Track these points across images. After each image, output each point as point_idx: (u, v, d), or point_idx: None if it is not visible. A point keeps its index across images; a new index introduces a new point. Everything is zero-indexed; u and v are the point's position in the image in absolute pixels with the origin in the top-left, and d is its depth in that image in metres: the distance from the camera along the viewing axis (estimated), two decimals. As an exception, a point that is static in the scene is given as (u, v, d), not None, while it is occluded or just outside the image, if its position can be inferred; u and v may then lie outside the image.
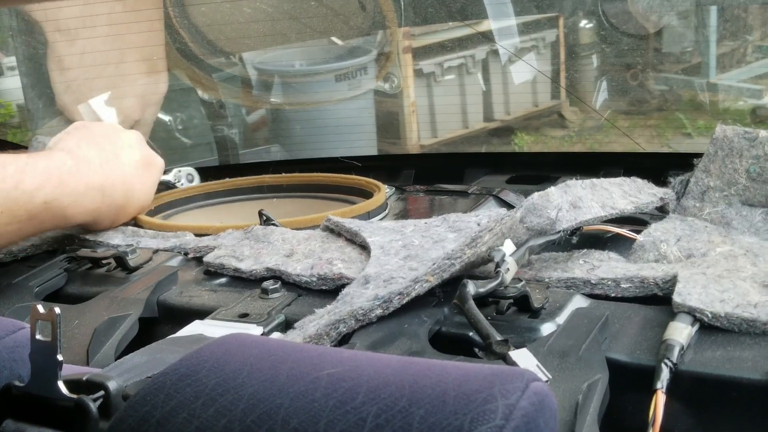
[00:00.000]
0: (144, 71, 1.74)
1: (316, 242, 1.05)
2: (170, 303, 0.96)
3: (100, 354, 0.84)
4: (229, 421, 0.49)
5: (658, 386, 0.67)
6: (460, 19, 1.92)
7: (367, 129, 2.04)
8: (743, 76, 2.62)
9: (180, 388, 0.52)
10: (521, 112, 2.63)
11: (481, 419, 0.45)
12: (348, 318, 0.79)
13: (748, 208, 0.99)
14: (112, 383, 0.58)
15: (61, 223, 1.11)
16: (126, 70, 1.73)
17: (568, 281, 0.86)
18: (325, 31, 1.87)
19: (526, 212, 0.87)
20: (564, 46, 2.20)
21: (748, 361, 0.69)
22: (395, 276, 0.87)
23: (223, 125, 1.98)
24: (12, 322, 0.67)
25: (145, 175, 1.23)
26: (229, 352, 0.55)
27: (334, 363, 0.53)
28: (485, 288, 0.78)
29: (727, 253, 0.88)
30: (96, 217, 1.15)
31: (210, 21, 1.76)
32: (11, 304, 0.97)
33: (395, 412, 0.47)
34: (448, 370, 0.51)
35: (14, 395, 0.59)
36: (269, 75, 2.00)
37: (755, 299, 0.75)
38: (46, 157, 1.08)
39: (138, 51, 1.71)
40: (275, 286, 0.92)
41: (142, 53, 1.72)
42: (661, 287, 0.82)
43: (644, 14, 1.92)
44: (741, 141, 1.02)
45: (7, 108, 2.45)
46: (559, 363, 0.70)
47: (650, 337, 0.74)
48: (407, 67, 2.21)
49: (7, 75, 2.51)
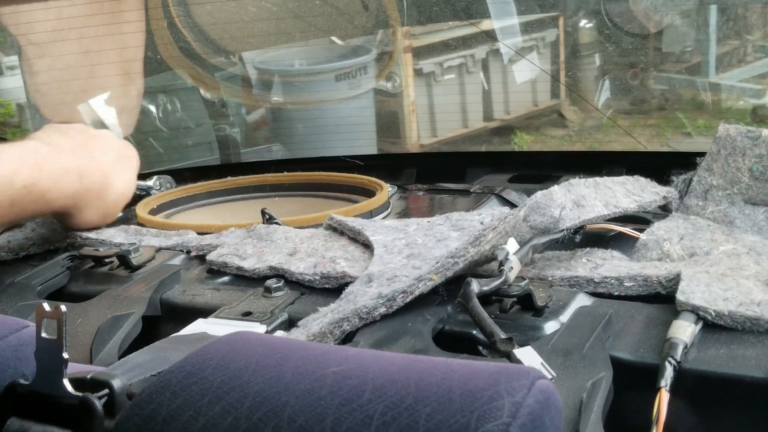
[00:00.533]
0: (118, 75, 1.73)
1: (319, 241, 1.05)
2: (173, 301, 0.96)
3: (103, 352, 0.84)
4: (235, 418, 0.49)
5: (662, 384, 0.67)
6: (463, 18, 1.92)
7: (367, 128, 2.04)
8: (743, 76, 2.62)
9: (186, 386, 0.52)
10: (521, 111, 2.63)
11: (487, 416, 0.45)
12: (351, 316, 0.80)
13: (751, 206, 0.99)
14: (117, 381, 0.58)
15: (43, 208, 1.11)
16: (98, 74, 1.72)
17: (571, 280, 0.86)
18: (328, 30, 1.87)
19: (529, 211, 0.87)
20: (564, 45, 2.20)
21: (752, 359, 0.69)
22: (399, 274, 0.87)
23: (225, 124, 1.99)
24: (16, 320, 0.66)
25: (121, 166, 1.23)
26: (234, 350, 0.55)
27: (340, 361, 0.53)
28: (489, 286, 0.78)
29: (730, 251, 0.88)
30: (77, 202, 1.15)
31: (214, 20, 1.76)
32: (14, 302, 0.97)
33: (402, 410, 0.47)
34: (454, 367, 0.51)
35: (19, 393, 0.59)
36: (270, 74, 2.00)
37: (758, 297, 0.76)
38: (18, 145, 1.09)
39: (112, 54, 1.70)
40: (278, 285, 0.92)
41: (117, 57, 1.71)
42: (665, 286, 0.82)
43: (645, 13, 1.92)
44: (744, 140, 1.02)
45: (7, 107, 2.45)
46: (563, 361, 0.70)
47: (654, 336, 0.74)
48: (407, 66, 2.21)
49: (6, 75, 2.50)
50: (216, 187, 1.45)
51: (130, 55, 1.72)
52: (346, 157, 1.52)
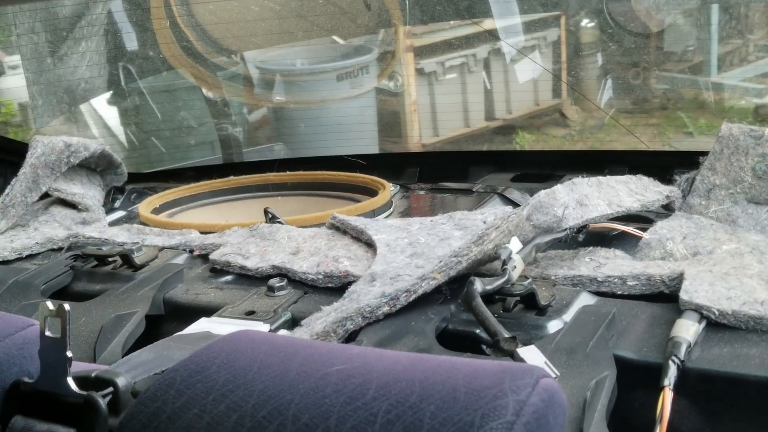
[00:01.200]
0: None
1: (322, 240, 1.05)
2: (176, 300, 0.96)
3: (107, 351, 0.84)
4: (240, 416, 0.49)
5: (666, 383, 0.67)
6: (465, 17, 1.92)
7: (369, 127, 2.04)
8: (745, 75, 2.62)
9: (190, 384, 0.52)
10: (523, 110, 2.63)
11: (492, 415, 0.45)
12: (355, 315, 0.80)
13: (754, 205, 0.99)
14: (121, 380, 0.58)
15: None
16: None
17: (574, 279, 0.86)
18: (331, 30, 1.87)
19: (532, 210, 0.87)
20: (566, 44, 2.20)
21: (755, 358, 0.69)
22: (402, 273, 0.87)
23: (227, 123, 1.99)
24: (20, 319, 0.66)
25: None
26: (238, 349, 0.55)
27: (344, 359, 0.53)
28: (492, 285, 0.78)
29: (734, 250, 0.88)
30: None
31: (216, 19, 1.76)
32: (18, 301, 0.97)
33: (406, 408, 0.47)
34: (458, 366, 0.51)
35: (23, 392, 0.59)
36: (272, 74, 2.00)
37: (762, 296, 0.76)
38: None
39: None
40: (281, 284, 0.92)
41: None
42: (668, 285, 0.82)
43: (648, 13, 1.92)
44: (747, 139, 1.02)
45: (9, 107, 2.45)
46: (567, 360, 0.70)
47: (657, 335, 0.74)
48: (409, 66, 2.21)
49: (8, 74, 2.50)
50: (218, 186, 1.45)
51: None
52: (349, 156, 1.52)
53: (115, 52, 1.90)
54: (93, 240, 1.17)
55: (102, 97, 1.94)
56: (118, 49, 1.90)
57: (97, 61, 1.85)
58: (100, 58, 1.87)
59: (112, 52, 1.90)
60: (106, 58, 1.89)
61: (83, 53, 1.81)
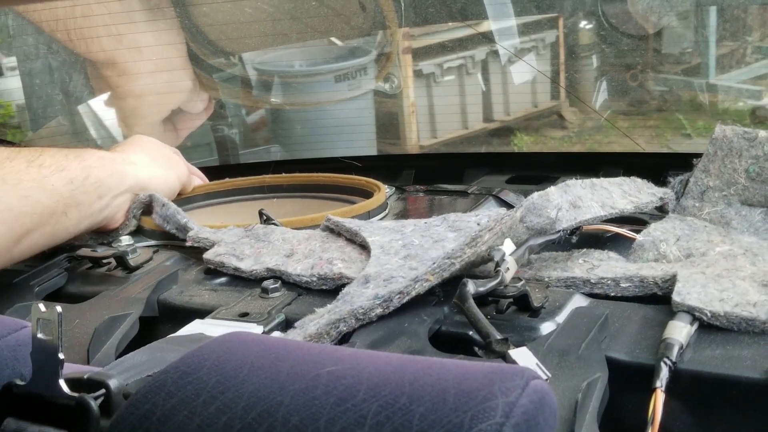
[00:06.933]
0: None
1: (317, 242, 1.05)
2: (170, 302, 0.96)
3: (100, 353, 0.85)
4: (229, 418, 0.49)
5: (658, 385, 0.67)
6: (460, 20, 1.92)
7: (366, 129, 2.04)
8: (743, 77, 2.62)
9: (181, 386, 0.52)
10: (521, 112, 2.63)
11: (481, 416, 0.46)
12: (348, 317, 0.80)
13: (748, 207, 0.99)
14: (113, 381, 0.58)
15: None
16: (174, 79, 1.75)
17: (567, 280, 0.86)
18: (325, 31, 1.87)
19: (526, 212, 0.88)
20: (564, 46, 2.20)
21: (747, 359, 0.69)
22: (395, 275, 0.87)
23: (223, 125, 1.99)
24: (13, 320, 0.67)
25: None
26: (229, 351, 0.55)
27: (335, 361, 0.53)
28: (485, 287, 0.78)
29: (727, 252, 0.88)
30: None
31: (211, 21, 1.76)
32: (12, 303, 0.97)
33: (395, 410, 0.47)
34: (448, 368, 0.51)
35: (15, 394, 0.59)
36: (269, 75, 2.00)
37: (754, 298, 0.76)
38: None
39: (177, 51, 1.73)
40: (275, 286, 0.92)
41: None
42: (661, 286, 0.82)
43: (644, 15, 1.92)
44: (740, 141, 1.02)
45: (7, 108, 2.45)
46: (559, 362, 0.70)
47: (650, 336, 0.75)
48: (407, 67, 2.21)
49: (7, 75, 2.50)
50: (214, 188, 1.45)
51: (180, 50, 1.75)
52: (345, 158, 1.52)
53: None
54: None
55: (99, 98, 1.94)
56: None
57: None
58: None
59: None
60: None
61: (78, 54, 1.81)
